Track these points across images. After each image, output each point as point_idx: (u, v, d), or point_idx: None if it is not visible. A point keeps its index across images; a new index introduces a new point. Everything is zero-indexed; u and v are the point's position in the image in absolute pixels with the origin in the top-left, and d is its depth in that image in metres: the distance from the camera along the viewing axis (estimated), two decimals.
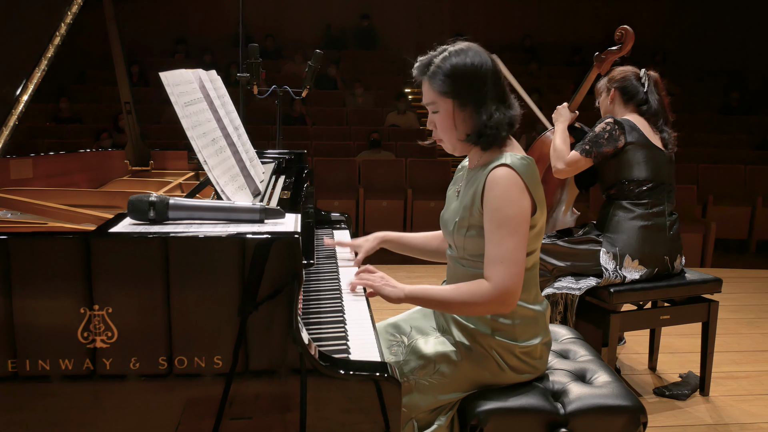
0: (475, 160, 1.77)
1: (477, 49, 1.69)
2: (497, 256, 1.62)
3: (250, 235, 1.30)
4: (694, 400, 2.99)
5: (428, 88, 1.70)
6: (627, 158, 2.80)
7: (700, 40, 10.22)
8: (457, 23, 10.80)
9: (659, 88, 2.95)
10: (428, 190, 6.50)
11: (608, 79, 2.99)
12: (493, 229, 1.63)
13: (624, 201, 2.81)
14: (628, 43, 3.01)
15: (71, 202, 2.05)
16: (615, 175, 2.83)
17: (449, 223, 1.77)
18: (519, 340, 1.73)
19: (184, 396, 1.31)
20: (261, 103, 5.28)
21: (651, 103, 2.90)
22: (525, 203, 1.64)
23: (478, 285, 1.64)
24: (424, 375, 1.74)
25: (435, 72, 1.68)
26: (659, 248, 2.79)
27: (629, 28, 2.98)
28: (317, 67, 3.48)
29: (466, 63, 1.66)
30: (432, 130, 1.76)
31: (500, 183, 1.63)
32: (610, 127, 2.80)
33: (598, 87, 3.05)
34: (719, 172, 6.81)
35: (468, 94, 1.66)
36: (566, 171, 2.89)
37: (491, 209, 1.63)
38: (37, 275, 1.26)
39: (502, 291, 1.61)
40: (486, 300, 1.62)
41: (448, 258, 1.87)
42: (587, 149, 2.82)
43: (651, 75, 2.95)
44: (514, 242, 1.61)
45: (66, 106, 8.11)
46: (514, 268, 1.61)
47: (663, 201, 2.84)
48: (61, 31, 1.96)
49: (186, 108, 1.59)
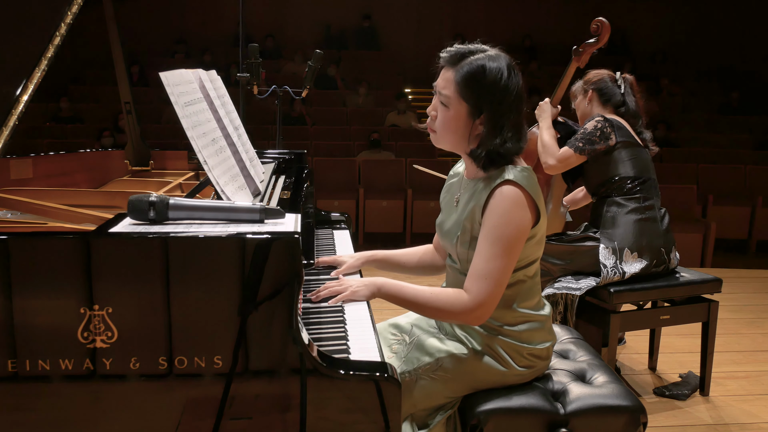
0: (473, 171, 1.72)
1: (510, 64, 1.61)
2: (483, 272, 1.61)
3: (250, 235, 1.30)
4: (694, 400, 2.99)
5: (451, 79, 1.61)
6: (616, 156, 2.85)
7: (700, 40, 10.21)
8: (457, 23, 10.81)
9: (635, 90, 3.00)
10: (428, 190, 6.49)
11: (584, 81, 3.04)
12: (487, 244, 1.61)
13: (617, 197, 2.84)
14: (605, 35, 3.05)
15: (71, 202, 2.04)
16: (604, 173, 2.87)
17: (451, 236, 1.75)
18: (526, 343, 1.73)
19: (184, 396, 1.31)
20: (261, 103, 5.29)
21: (629, 105, 2.95)
22: (525, 222, 1.61)
23: (458, 295, 1.64)
24: (426, 371, 1.73)
25: (465, 69, 1.59)
26: (656, 240, 2.82)
27: (605, 19, 3.03)
28: (317, 67, 3.48)
29: (497, 74, 1.58)
30: (429, 116, 1.69)
31: (504, 202, 1.60)
32: (601, 125, 2.84)
33: (573, 90, 3.11)
34: (719, 172, 6.81)
35: (486, 107, 1.60)
36: (557, 167, 2.92)
37: (490, 225, 1.61)
38: (37, 275, 1.26)
39: (479, 306, 1.61)
40: (461, 311, 1.62)
41: (449, 267, 1.86)
42: (580, 146, 2.85)
43: (627, 78, 3.00)
44: (503, 263, 1.60)
45: (66, 106, 8.11)
46: (496, 287, 1.61)
47: (653, 195, 2.88)
48: (61, 31, 1.96)
49: (186, 108, 1.59)
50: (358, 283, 1.74)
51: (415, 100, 9.99)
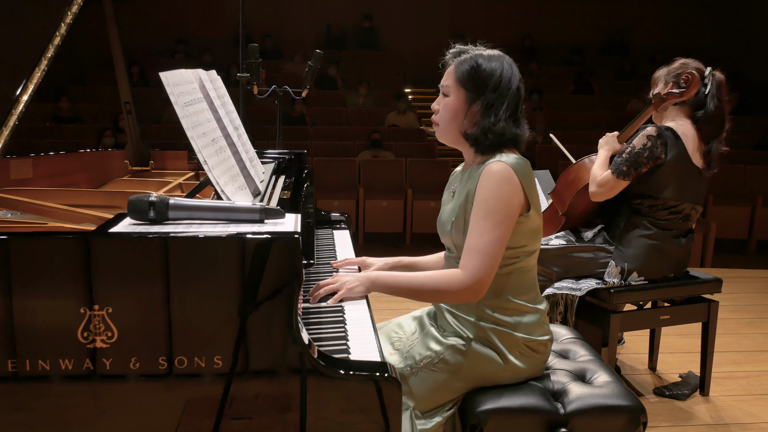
0: (470, 161, 1.80)
1: (509, 62, 1.74)
2: (477, 246, 1.64)
3: (250, 235, 1.30)
4: (694, 400, 2.99)
5: (452, 71, 1.74)
6: (662, 175, 2.65)
7: (700, 41, 10.21)
8: (457, 23, 10.81)
9: (722, 92, 2.70)
10: (428, 190, 6.50)
11: (668, 71, 2.76)
12: (479, 219, 1.65)
13: (646, 219, 2.71)
14: (692, 89, 2.67)
15: (71, 202, 2.04)
16: (644, 187, 2.69)
17: (446, 224, 1.79)
18: (521, 333, 1.74)
19: (184, 396, 1.31)
20: (261, 103, 5.29)
21: (708, 109, 2.67)
22: (516, 200, 1.66)
23: (451, 274, 1.67)
24: (427, 364, 1.75)
25: (463, 61, 1.73)
26: (667, 268, 2.78)
27: (696, 74, 2.67)
28: (317, 67, 3.48)
29: (493, 67, 1.71)
30: (433, 111, 1.80)
31: (493, 176, 1.65)
32: (651, 143, 2.62)
33: (655, 77, 2.81)
34: (719, 172, 6.78)
35: (482, 93, 1.70)
36: (599, 193, 2.72)
37: (480, 199, 1.66)
38: (37, 275, 1.26)
39: (475, 281, 1.64)
40: (458, 288, 1.66)
41: (446, 259, 1.89)
42: (624, 171, 2.64)
43: (716, 76, 2.70)
44: (495, 235, 1.64)
45: (66, 106, 8.11)
46: (491, 260, 1.64)
47: (686, 222, 2.75)
48: (61, 31, 1.96)
49: (186, 108, 1.59)
50: (352, 279, 1.75)
51: (415, 100, 9.99)
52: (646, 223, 2.72)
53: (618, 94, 9.57)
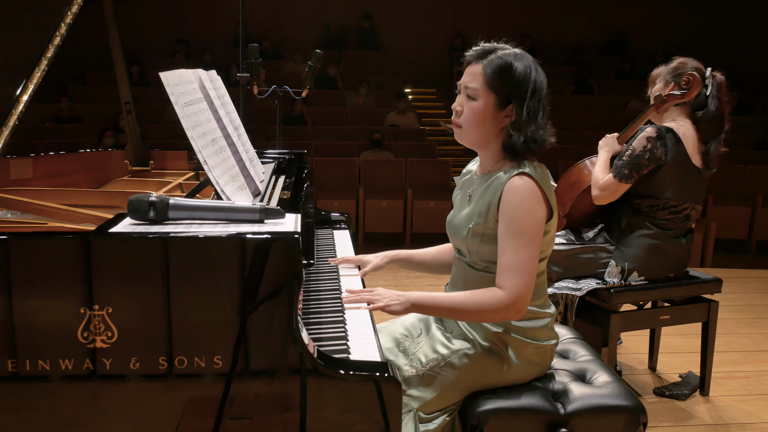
0: (489, 166, 1.74)
1: (535, 62, 1.69)
2: (513, 265, 1.62)
3: (250, 235, 1.30)
4: (694, 400, 2.99)
5: (479, 72, 1.66)
6: (662, 175, 2.64)
7: (700, 41, 10.21)
8: (457, 23, 10.83)
9: (723, 92, 2.70)
10: (428, 190, 6.50)
11: (666, 70, 2.75)
12: (510, 237, 1.62)
13: (646, 219, 2.71)
14: (693, 91, 2.66)
15: (71, 202, 2.04)
16: (645, 187, 2.69)
17: (461, 229, 1.75)
18: (532, 339, 1.74)
19: (184, 396, 1.31)
20: (261, 103, 5.29)
21: (709, 109, 2.67)
22: (541, 213, 1.64)
23: (492, 293, 1.64)
24: (433, 367, 1.74)
25: (493, 61, 1.65)
26: (668, 267, 2.78)
27: (698, 75, 2.65)
28: (317, 67, 3.48)
29: (526, 71, 1.65)
30: (455, 111, 1.72)
31: (519, 192, 1.62)
32: (651, 145, 2.61)
33: (653, 75, 2.80)
34: (719, 172, 6.76)
35: (516, 97, 1.64)
36: (602, 197, 2.71)
37: (508, 218, 1.63)
38: (37, 275, 1.26)
39: (516, 299, 1.62)
40: (499, 307, 1.63)
41: (456, 262, 1.86)
42: (626, 174, 2.63)
43: (717, 77, 2.70)
44: (529, 252, 1.62)
45: (66, 106, 8.11)
46: (528, 277, 1.62)
47: (686, 221, 2.75)
48: (61, 31, 1.96)
49: (186, 108, 1.59)
50: (392, 297, 1.68)
51: (415, 100, 10.00)
52: (646, 223, 2.72)
53: (618, 94, 9.58)
